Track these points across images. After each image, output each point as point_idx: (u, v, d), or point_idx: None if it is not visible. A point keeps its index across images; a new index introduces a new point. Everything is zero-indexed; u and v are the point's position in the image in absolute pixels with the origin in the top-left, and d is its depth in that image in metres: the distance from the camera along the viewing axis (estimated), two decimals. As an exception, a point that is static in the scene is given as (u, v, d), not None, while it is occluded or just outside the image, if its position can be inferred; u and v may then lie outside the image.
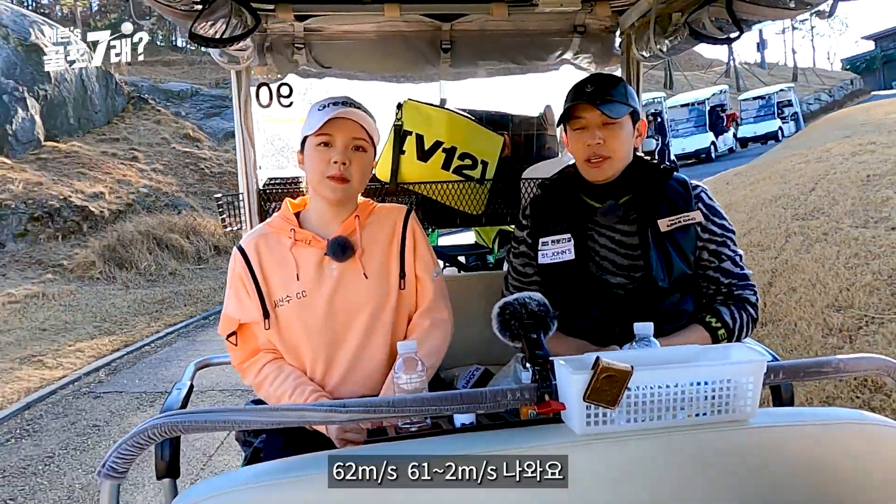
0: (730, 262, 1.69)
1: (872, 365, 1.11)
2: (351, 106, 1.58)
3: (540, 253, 1.75)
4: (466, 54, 2.39)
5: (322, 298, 1.57)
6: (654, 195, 1.69)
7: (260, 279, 1.58)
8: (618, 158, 1.66)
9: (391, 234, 1.66)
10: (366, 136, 1.60)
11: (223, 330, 1.64)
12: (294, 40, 2.24)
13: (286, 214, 1.65)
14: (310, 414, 1.02)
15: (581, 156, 1.69)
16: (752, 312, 1.67)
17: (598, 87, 1.65)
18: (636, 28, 2.18)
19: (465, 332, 2.04)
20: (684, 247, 1.67)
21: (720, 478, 1.02)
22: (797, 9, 1.50)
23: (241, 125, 2.19)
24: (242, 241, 1.66)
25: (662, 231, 1.66)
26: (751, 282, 1.70)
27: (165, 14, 1.47)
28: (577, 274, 1.69)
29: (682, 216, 1.67)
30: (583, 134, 1.66)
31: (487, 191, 2.35)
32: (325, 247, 1.59)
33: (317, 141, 1.57)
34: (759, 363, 1.03)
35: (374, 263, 1.62)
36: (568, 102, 1.68)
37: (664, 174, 1.72)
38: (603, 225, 1.69)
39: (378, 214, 1.69)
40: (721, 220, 1.70)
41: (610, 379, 0.94)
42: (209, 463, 3.72)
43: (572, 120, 1.68)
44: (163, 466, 1.56)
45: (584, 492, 0.98)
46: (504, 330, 1.18)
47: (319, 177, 1.57)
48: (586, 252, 1.70)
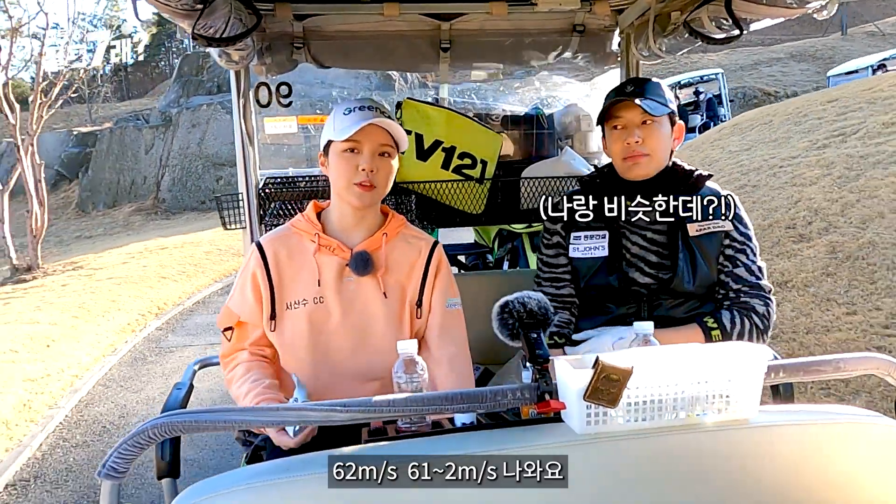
0: (744, 269, 1.69)
1: (873, 364, 1.11)
2: (377, 111, 1.57)
3: (571, 246, 1.76)
4: (466, 53, 2.40)
5: (338, 308, 1.57)
6: (687, 199, 1.70)
7: (275, 280, 1.57)
8: (656, 157, 1.68)
9: (415, 261, 1.65)
10: (392, 143, 1.59)
11: (222, 322, 1.63)
12: (293, 39, 2.24)
13: (310, 217, 1.63)
14: (309, 413, 1.02)
15: (619, 154, 1.70)
16: (756, 322, 1.66)
17: (637, 86, 1.68)
18: (635, 27, 2.18)
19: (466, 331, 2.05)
20: (710, 252, 1.69)
21: (721, 478, 1.02)
22: (796, 7, 1.49)
23: (241, 124, 2.19)
24: (262, 238, 1.64)
25: (691, 235, 1.68)
26: (763, 292, 1.69)
27: (165, 13, 1.46)
28: (609, 270, 1.71)
29: (713, 223, 1.68)
30: (622, 132, 1.68)
31: (487, 190, 2.35)
32: (348, 258, 1.58)
33: (344, 147, 1.55)
34: (760, 362, 1.03)
35: (393, 285, 1.61)
36: (608, 102, 1.70)
37: (699, 179, 1.73)
38: (636, 224, 1.71)
39: (406, 236, 1.68)
40: (745, 229, 1.72)
41: (610, 378, 0.94)
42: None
43: (612, 119, 1.70)
44: (163, 466, 1.56)
45: (584, 492, 0.98)
46: (504, 329, 1.18)
47: (346, 183, 1.55)
48: (619, 250, 1.71)
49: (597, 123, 1.81)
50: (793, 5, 1.49)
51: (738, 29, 1.65)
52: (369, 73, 11.66)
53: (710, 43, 1.79)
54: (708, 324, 1.64)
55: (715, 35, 1.76)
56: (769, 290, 1.70)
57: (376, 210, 1.66)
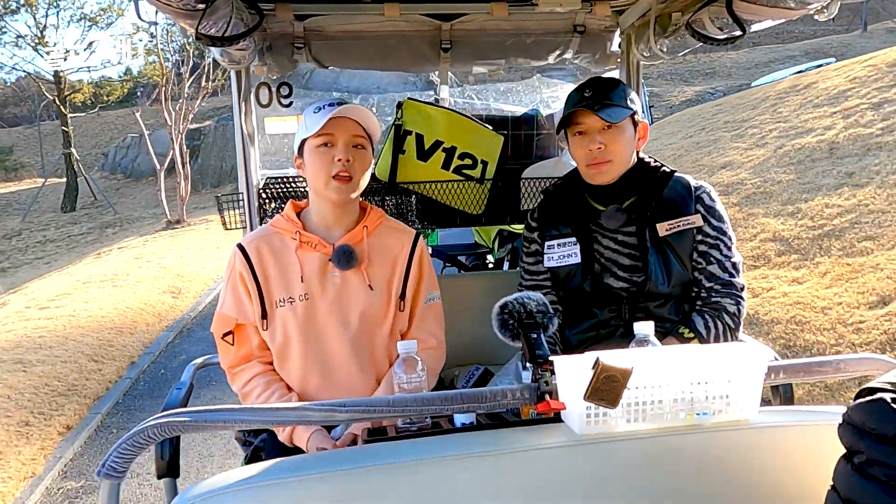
0: (717, 266, 1.67)
1: (873, 365, 1.11)
2: (347, 104, 1.57)
3: (546, 256, 1.75)
4: (466, 54, 2.39)
5: (325, 303, 1.57)
6: (654, 198, 1.68)
7: (261, 278, 1.57)
8: (619, 162, 1.66)
9: (398, 254, 1.65)
10: (365, 134, 1.59)
11: (217, 329, 1.61)
12: (294, 40, 2.24)
13: (290, 216, 1.64)
14: (310, 413, 1.02)
15: (582, 160, 1.69)
16: (728, 322, 1.65)
17: (596, 91, 1.65)
18: (636, 28, 2.18)
19: (465, 331, 2.05)
20: (682, 251, 1.66)
21: (721, 478, 1.02)
22: (798, 8, 1.49)
23: (241, 124, 2.19)
24: (243, 239, 1.65)
25: (661, 235, 1.66)
26: (735, 290, 1.67)
27: (167, 13, 1.46)
28: (583, 276, 1.69)
29: (682, 220, 1.67)
30: (583, 139, 1.66)
31: (487, 190, 2.34)
32: (330, 253, 1.58)
33: (317, 142, 1.56)
34: (760, 363, 1.03)
35: (378, 277, 1.61)
36: (567, 108, 1.68)
37: (664, 177, 1.72)
38: (606, 228, 1.70)
39: (387, 228, 1.68)
40: (719, 222, 1.69)
41: (610, 379, 0.94)
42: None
43: (573, 125, 1.68)
44: (162, 466, 1.56)
45: (583, 492, 0.98)
46: (504, 329, 1.18)
47: (325, 178, 1.55)
48: (591, 255, 1.70)
49: (556, 132, 1.80)
50: (794, 6, 1.49)
51: (740, 30, 1.64)
52: (415, 77, 11.73)
53: (712, 44, 1.79)
54: (684, 335, 1.63)
55: (717, 36, 1.76)
56: (741, 288, 1.68)
57: (355, 205, 1.65)
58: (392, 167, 2.28)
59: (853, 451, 0.81)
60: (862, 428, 0.79)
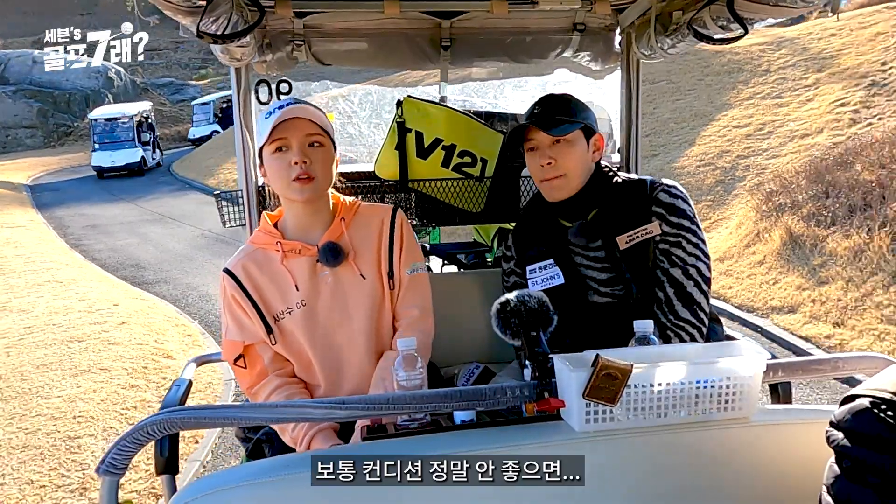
0: (679, 271, 1.61)
1: (872, 363, 1.11)
2: (297, 103, 1.54)
3: (529, 281, 1.73)
4: (466, 52, 2.39)
5: (323, 305, 1.56)
6: (610, 210, 1.66)
7: (255, 297, 1.56)
8: (573, 176, 1.66)
9: (379, 233, 1.64)
10: (320, 131, 1.56)
11: (228, 356, 1.60)
12: (293, 37, 2.24)
13: (267, 228, 1.61)
14: (310, 411, 1.02)
15: (537, 176, 1.70)
16: (693, 334, 1.60)
17: (545, 108, 1.66)
18: (636, 26, 2.18)
19: (465, 329, 2.05)
20: (645, 262, 1.63)
21: (721, 476, 1.02)
22: (800, 6, 1.49)
23: (241, 122, 2.18)
24: (228, 263, 1.62)
25: (622, 249, 1.63)
26: (693, 319, 1.59)
27: (168, 11, 1.46)
28: (569, 296, 1.67)
29: (640, 230, 1.63)
30: (535, 155, 1.68)
31: (487, 188, 2.34)
32: (317, 253, 1.57)
33: (272, 148, 1.53)
34: (759, 361, 1.03)
35: (367, 264, 1.61)
36: (518, 126, 1.69)
37: (617, 187, 1.69)
38: (576, 245, 1.69)
39: (363, 214, 1.66)
40: (679, 218, 1.63)
41: (609, 377, 0.94)
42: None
43: (526, 141, 1.69)
44: (162, 463, 1.56)
45: (583, 489, 0.98)
46: (504, 328, 1.17)
47: (286, 182, 1.52)
48: (573, 273, 1.69)
49: (509, 146, 1.78)
50: (796, 4, 1.49)
51: (742, 28, 1.63)
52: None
53: (713, 43, 1.78)
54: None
55: (718, 35, 1.75)
56: (702, 305, 1.61)
57: (326, 201, 1.63)
58: (401, 166, 2.27)
59: (841, 456, 0.82)
60: (848, 434, 0.81)
